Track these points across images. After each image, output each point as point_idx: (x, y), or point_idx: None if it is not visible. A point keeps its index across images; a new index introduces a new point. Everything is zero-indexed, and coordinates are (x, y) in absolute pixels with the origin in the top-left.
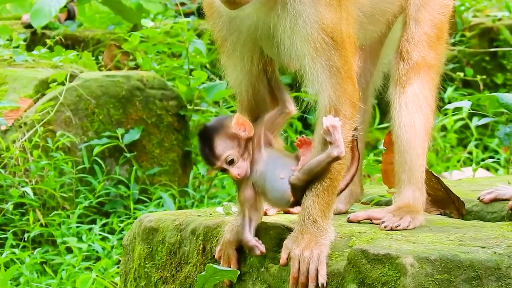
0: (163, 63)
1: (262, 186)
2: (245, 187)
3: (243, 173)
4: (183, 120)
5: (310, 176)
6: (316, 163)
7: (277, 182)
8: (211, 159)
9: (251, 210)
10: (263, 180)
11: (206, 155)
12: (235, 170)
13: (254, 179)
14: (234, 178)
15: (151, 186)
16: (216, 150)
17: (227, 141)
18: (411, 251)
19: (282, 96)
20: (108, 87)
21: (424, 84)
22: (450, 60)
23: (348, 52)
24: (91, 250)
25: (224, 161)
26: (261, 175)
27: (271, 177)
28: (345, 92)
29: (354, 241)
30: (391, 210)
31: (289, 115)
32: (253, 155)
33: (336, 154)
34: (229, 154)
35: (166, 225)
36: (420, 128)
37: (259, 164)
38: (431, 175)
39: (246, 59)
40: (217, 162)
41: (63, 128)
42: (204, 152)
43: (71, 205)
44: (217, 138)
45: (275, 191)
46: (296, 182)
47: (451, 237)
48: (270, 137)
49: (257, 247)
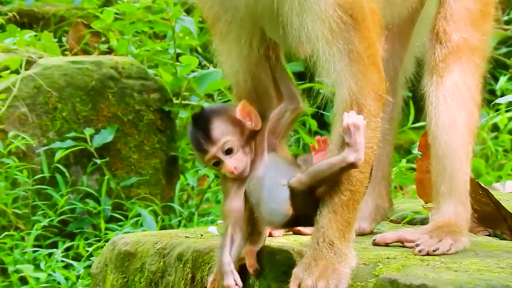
0: (143, 46)
1: (258, 195)
2: (234, 195)
3: (241, 168)
4: (167, 117)
5: (315, 180)
6: (326, 166)
7: (277, 188)
8: (204, 143)
9: (235, 227)
10: (260, 187)
11: (199, 140)
12: (232, 163)
13: (248, 188)
14: (229, 173)
15: (127, 200)
16: (213, 133)
17: (229, 125)
18: (452, 281)
19: (288, 90)
20: (74, 76)
21: (467, 72)
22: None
23: (371, 33)
24: (51, 281)
25: (221, 148)
26: (258, 182)
27: (270, 182)
28: (368, 82)
29: (381, 268)
30: (428, 230)
31: (296, 113)
32: (253, 158)
33: (352, 160)
34: (228, 140)
35: (146, 249)
36: (462, 128)
37: (259, 170)
38: (478, 186)
39: (243, 43)
40: (212, 149)
41: (16, 128)
42: (196, 135)
43: (27, 224)
44: (217, 120)
45: (273, 201)
46: (297, 185)
47: (502, 263)
48: (274, 141)
49: (231, 274)
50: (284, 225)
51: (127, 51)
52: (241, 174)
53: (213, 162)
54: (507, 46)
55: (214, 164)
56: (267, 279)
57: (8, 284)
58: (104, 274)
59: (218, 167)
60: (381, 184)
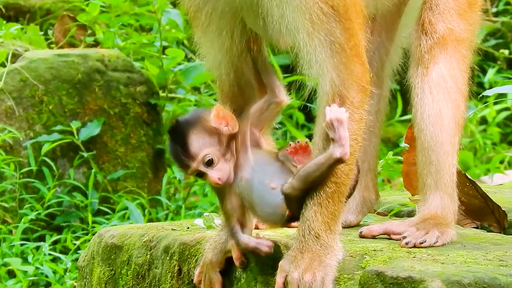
0: (129, 39)
1: (249, 198)
2: (230, 195)
3: (225, 178)
4: (154, 110)
5: (307, 183)
6: (315, 166)
7: (268, 193)
8: (184, 159)
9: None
10: (250, 190)
11: (178, 155)
12: (215, 174)
13: (238, 189)
14: (214, 184)
15: (114, 193)
16: (191, 148)
17: (205, 137)
18: (439, 273)
19: (271, 82)
20: (60, 69)
21: (453, 63)
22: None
23: (353, 24)
24: (39, 274)
25: (201, 161)
26: (247, 184)
27: (260, 187)
28: (351, 74)
29: (368, 261)
30: (415, 223)
31: (279, 106)
32: (237, 157)
33: (338, 156)
34: (208, 153)
35: (133, 241)
36: (448, 119)
37: (245, 170)
38: (465, 178)
39: (224, 35)
40: (192, 163)
41: (3, 121)
42: (175, 151)
43: (14, 217)
44: (192, 133)
45: (266, 205)
46: (290, 191)
47: (489, 255)
48: (257, 136)
49: (261, 244)
50: (283, 224)
51: (113, 44)
52: (226, 182)
53: (196, 174)
54: (496, 38)
55: (198, 175)
56: (254, 272)
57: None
58: (91, 267)
59: (203, 178)
60: (367, 176)
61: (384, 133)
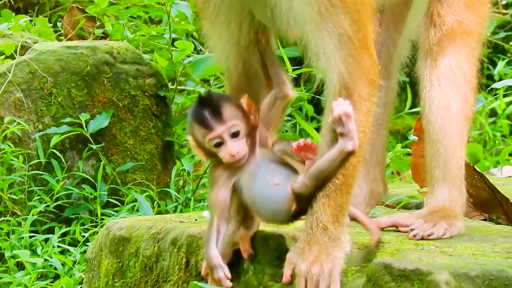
0: (139, 31)
1: (250, 195)
2: (222, 186)
3: (241, 154)
4: (163, 103)
5: (320, 180)
6: (328, 163)
7: (270, 190)
8: (212, 121)
9: (221, 218)
10: (251, 187)
11: (205, 117)
12: (235, 146)
13: (239, 183)
14: (228, 157)
15: (123, 186)
16: (223, 113)
17: (238, 112)
18: (446, 265)
19: (277, 76)
20: (69, 61)
21: (462, 56)
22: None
23: (362, 16)
24: (48, 266)
25: (228, 129)
26: (249, 179)
27: (262, 183)
28: (359, 66)
29: (376, 253)
30: (423, 215)
31: (285, 101)
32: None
33: (350, 148)
34: (237, 124)
35: (140, 233)
36: (456, 112)
37: (250, 166)
38: (473, 171)
39: (233, 26)
40: (219, 128)
41: (12, 113)
42: (202, 113)
43: (23, 209)
44: (227, 104)
45: (269, 202)
46: (302, 190)
47: (497, 248)
48: (265, 135)
49: (220, 267)
50: (288, 221)
51: (122, 36)
52: (239, 161)
53: (215, 142)
54: (506, 30)
55: (216, 144)
56: (261, 263)
57: (5, 269)
58: (99, 259)
59: (217, 149)
60: (375, 169)
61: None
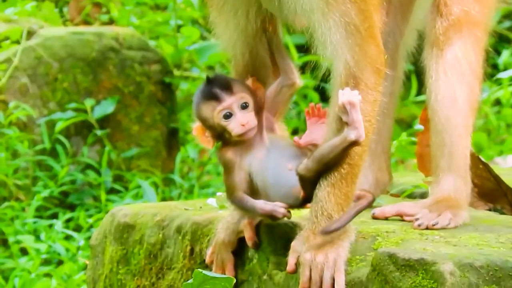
0: (144, 17)
1: (263, 178)
2: (239, 171)
3: (252, 124)
4: (168, 89)
5: (322, 164)
6: (329, 148)
7: (284, 174)
8: (221, 93)
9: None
10: (263, 170)
11: (214, 90)
12: (244, 117)
13: (250, 168)
14: (237, 128)
15: (128, 172)
16: (233, 85)
17: (246, 88)
18: (451, 255)
19: (284, 64)
20: (74, 47)
21: (468, 46)
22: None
23: (368, 5)
24: (52, 252)
25: (238, 100)
26: (261, 164)
27: (275, 167)
28: (366, 55)
29: (380, 242)
30: (427, 205)
31: (292, 89)
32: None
33: (354, 138)
34: (245, 97)
35: (145, 221)
36: (462, 102)
37: (259, 150)
38: (478, 160)
39: (240, 14)
40: (228, 98)
41: (17, 98)
42: (211, 88)
43: (27, 195)
44: (236, 81)
45: (281, 186)
46: (304, 172)
47: (501, 238)
48: (271, 121)
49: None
50: (297, 206)
51: (128, 22)
52: (248, 134)
53: (224, 113)
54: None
55: (225, 116)
56: (266, 252)
57: (9, 255)
58: (103, 245)
59: (227, 122)
60: (381, 158)
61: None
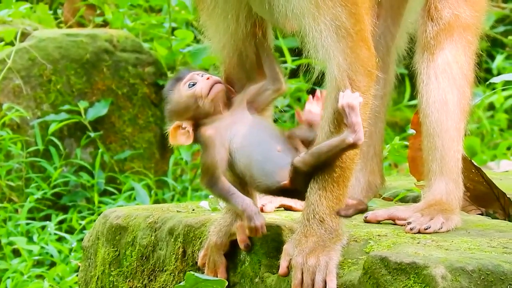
0: (138, 19)
1: (248, 155)
2: (220, 147)
3: (215, 79)
4: (162, 91)
5: (318, 161)
6: (327, 148)
7: (272, 154)
8: (184, 73)
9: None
10: (249, 146)
11: (177, 76)
12: (207, 78)
13: (230, 146)
14: (206, 85)
15: (121, 174)
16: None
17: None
18: (442, 259)
19: (271, 69)
20: (68, 48)
21: (459, 50)
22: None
23: (359, 9)
24: (44, 254)
25: (198, 72)
26: (245, 140)
27: (263, 145)
28: (357, 58)
29: (372, 246)
30: (419, 208)
31: (277, 94)
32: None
33: (352, 141)
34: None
35: (137, 222)
36: (453, 106)
37: (242, 126)
38: (471, 164)
39: (230, 18)
40: (189, 73)
41: (11, 100)
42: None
43: (20, 196)
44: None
45: (267, 164)
46: (300, 165)
47: (493, 243)
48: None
49: (259, 218)
50: (273, 191)
51: (122, 25)
52: (216, 93)
53: (188, 83)
54: (505, 24)
55: (189, 86)
56: (258, 254)
57: (1, 256)
58: (95, 247)
59: (193, 88)
60: (373, 161)
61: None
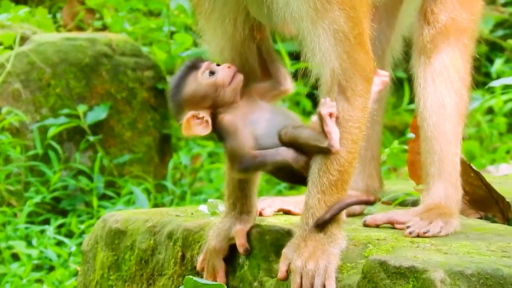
0: (138, 23)
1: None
2: (243, 128)
3: (235, 69)
4: (161, 95)
5: (294, 141)
6: (305, 136)
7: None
8: (197, 64)
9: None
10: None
11: (188, 65)
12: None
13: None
14: (227, 72)
15: (120, 178)
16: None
17: None
18: (442, 263)
19: (276, 70)
20: (67, 52)
21: (455, 53)
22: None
23: (358, 12)
24: (43, 258)
25: (212, 62)
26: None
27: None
28: (355, 62)
29: (371, 250)
30: (418, 212)
31: (283, 94)
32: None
33: (324, 145)
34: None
35: (136, 226)
36: (451, 109)
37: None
38: (469, 168)
39: (228, 22)
40: (204, 64)
41: (10, 104)
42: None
43: (19, 200)
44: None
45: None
46: (282, 135)
47: (492, 246)
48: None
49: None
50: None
51: (121, 29)
52: (237, 81)
53: (207, 72)
54: (504, 28)
55: (209, 74)
56: (257, 258)
57: (0, 261)
58: (94, 251)
59: (213, 76)
60: (371, 165)
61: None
